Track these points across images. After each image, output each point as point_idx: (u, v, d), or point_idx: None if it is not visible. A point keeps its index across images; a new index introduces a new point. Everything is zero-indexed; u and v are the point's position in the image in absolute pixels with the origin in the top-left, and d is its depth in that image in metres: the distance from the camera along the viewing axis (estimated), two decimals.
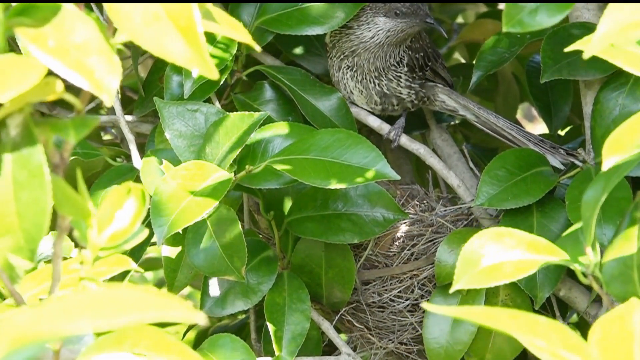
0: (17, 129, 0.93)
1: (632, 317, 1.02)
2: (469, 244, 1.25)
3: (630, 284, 1.18)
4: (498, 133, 1.85)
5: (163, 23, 0.93)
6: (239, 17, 1.78)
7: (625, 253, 1.19)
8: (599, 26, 1.07)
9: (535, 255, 1.22)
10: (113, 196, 0.99)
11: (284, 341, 1.70)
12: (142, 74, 2.03)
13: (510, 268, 1.21)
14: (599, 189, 1.17)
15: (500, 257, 1.23)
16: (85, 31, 0.94)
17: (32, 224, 0.93)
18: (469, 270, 1.22)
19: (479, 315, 0.90)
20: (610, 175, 1.16)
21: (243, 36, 1.04)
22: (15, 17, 0.94)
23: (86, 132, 0.91)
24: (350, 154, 1.57)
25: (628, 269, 1.19)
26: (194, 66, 0.93)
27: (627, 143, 1.06)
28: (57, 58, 0.92)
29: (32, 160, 0.93)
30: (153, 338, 1.00)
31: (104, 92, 0.91)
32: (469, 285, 1.22)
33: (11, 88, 0.89)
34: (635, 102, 1.64)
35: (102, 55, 0.93)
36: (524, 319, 0.91)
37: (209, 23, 0.99)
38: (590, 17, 1.73)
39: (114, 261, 1.26)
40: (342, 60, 1.83)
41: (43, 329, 0.74)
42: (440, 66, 1.90)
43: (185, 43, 0.93)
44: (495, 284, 1.21)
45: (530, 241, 1.24)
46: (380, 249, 1.83)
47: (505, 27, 1.30)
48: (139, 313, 0.75)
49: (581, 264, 1.21)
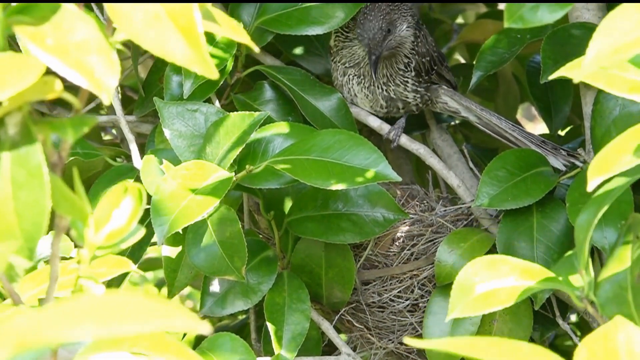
0: (16, 128, 0.93)
1: (617, 336, 1.02)
2: (462, 272, 1.26)
3: (625, 305, 1.19)
4: (500, 134, 1.85)
5: (163, 23, 0.93)
6: (239, 17, 1.78)
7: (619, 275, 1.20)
8: (589, 50, 1.07)
9: (529, 282, 1.23)
10: (110, 195, 0.99)
11: (283, 341, 1.70)
12: (142, 74, 2.03)
13: (504, 294, 1.22)
14: (592, 213, 1.17)
15: (494, 284, 1.24)
16: (84, 30, 0.93)
17: (31, 224, 0.92)
18: (464, 298, 1.23)
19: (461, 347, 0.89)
20: (603, 198, 1.17)
21: (242, 37, 1.04)
22: (15, 15, 0.94)
23: (84, 131, 0.91)
24: (352, 155, 1.57)
25: (622, 290, 1.19)
26: (194, 66, 0.93)
27: (611, 163, 1.06)
28: (56, 56, 0.92)
29: (31, 159, 0.93)
30: (152, 338, 1.00)
31: (103, 90, 0.91)
32: (464, 313, 1.23)
33: (9, 86, 0.89)
34: (634, 103, 1.64)
35: (101, 54, 0.93)
36: (507, 347, 0.90)
37: (209, 23, 0.99)
38: (590, 17, 1.73)
39: (114, 263, 1.26)
40: (347, 68, 1.83)
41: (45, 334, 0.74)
42: (445, 69, 1.90)
43: (185, 43, 0.93)
44: (489, 310, 1.22)
45: (524, 268, 1.25)
46: (380, 249, 1.83)
47: (507, 23, 1.30)
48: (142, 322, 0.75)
49: (575, 287, 1.21)
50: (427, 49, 1.84)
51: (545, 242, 1.68)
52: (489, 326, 1.75)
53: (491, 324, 1.74)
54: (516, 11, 1.30)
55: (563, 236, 1.69)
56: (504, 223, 1.71)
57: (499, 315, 1.74)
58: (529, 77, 1.99)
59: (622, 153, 1.09)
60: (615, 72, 1.19)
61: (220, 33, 1.02)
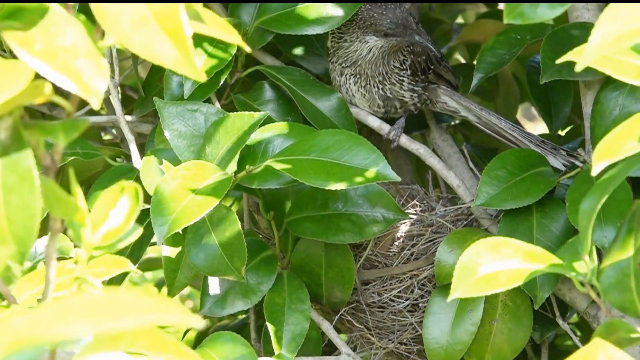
0: (6, 133, 0.92)
1: (597, 356, 1.02)
2: (466, 253, 1.25)
3: (628, 292, 1.18)
4: (499, 134, 1.85)
5: (150, 26, 0.93)
6: (239, 17, 1.78)
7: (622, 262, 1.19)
8: (592, 37, 1.07)
9: (531, 264, 1.22)
10: (107, 195, 0.99)
11: (283, 341, 1.70)
12: (142, 74, 2.03)
13: (506, 277, 1.22)
14: (595, 200, 1.17)
15: (497, 266, 1.23)
16: (72, 34, 0.93)
17: (22, 228, 0.92)
18: (466, 279, 1.23)
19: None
20: (606, 184, 1.17)
21: (232, 37, 1.04)
22: (2, 20, 0.94)
23: (76, 134, 0.91)
24: (352, 155, 1.57)
25: (625, 277, 1.19)
26: (181, 69, 0.93)
27: (616, 148, 1.06)
28: (44, 61, 0.92)
29: (22, 164, 0.92)
30: (150, 337, 1.00)
31: (91, 95, 0.91)
32: (466, 294, 1.22)
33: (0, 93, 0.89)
34: (635, 102, 1.64)
35: (89, 58, 0.93)
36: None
37: (198, 24, 0.99)
38: (590, 17, 1.73)
39: (112, 262, 1.26)
40: (344, 68, 1.83)
41: (41, 332, 0.74)
42: (444, 69, 1.90)
43: (172, 46, 0.93)
44: (492, 292, 1.21)
45: (527, 250, 1.24)
46: (380, 249, 1.83)
47: (507, 19, 1.31)
48: (136, 317, 0.75)
49: (578, 272, 1.21)
50: (422, 48, 1.84)
51: (545, 242, 1.68)
52: (489, 326, 1.75)
53: (491, 324, 1.74)
54: (516, 7, 1.31)
55: (563, 236, 1.69)
56: (503, 223, 1.71)
57: (499, 315, 1.74)
58: (529, 77, 1.98)
59: (626, 139, 1.09)
60: (623, 57, 1.19)
61: (209, 34, 1.02)
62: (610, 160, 1.06)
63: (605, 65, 1.19)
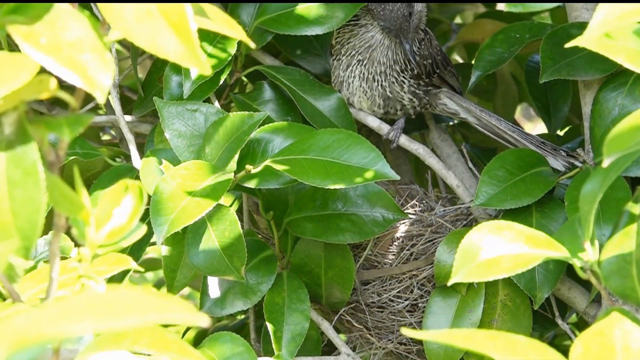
0: (11, 127, 0.92)
1: (613, 331, 1.01)
2: (468, 237, 1.24)
3: (629, 278, 1.18)
4: (499, 135, 1.85)
5: (155, 19, 0.93)
6: (238, 17, 1.78)
7: (624, 249, 1.19)
8: (595, 15, 1.08)
9: (534, 250, 1.21)
10: (111, 194, 0.99)
11: (283, 341, 1.70)
12: (141, 74, 2.03)
13: (508, 262, 1.20)
14: (597, 184, 1.17)
15: (498, 250, 1.22)
16: (77, 28, 0.93)
17: (27, 222, 0.92)
18: (468, 264, 1.22)
19: (458, 339, 0.89)
20: (608, 170, 1.16)
21: (237, 33, 1.04)
22: (8, 15, 0.94)
23: (80, 129, 0.91)
24: (350, 154, 1.57)
25: (627, 264, 1.18)
26: (186, 62, 0.93)
27: (627, 140, 1.06)
28: (49, 55, 0.92)
29: (26, 158, 0.92)
30: (153, 336, 1.00)
31: (96, 89, 0.91)
32: (467, 279, 1.21)
33: (3, 85, 0.89)
34: (634, 102, 1.64)
35: (94, 53, 0.93)
36: (503, 340, 0.90)
37: (202, 19, 0.99)
38: (589, 17, 1.73)
39: (114, 260, 1.26)
40: (353, 57, 1.82)
41: (44, 330, 0.74)
42: (449, 74, 1.90)
43: (177, 39, 0.93)
44: (493, 277, 1.20)
45: (530, 235, 1.23)
46: (380, 249, 1.83)
47: (508, 7, 1.31)
48: (140, 315, 0.75)
49: (580, 259, 1.20)
50: (429, 52, 1.84)
51: None
52: (488, 326, 1.75)
53: (490, 324, 1.74)
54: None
55: None
56: None
57: (498, 315, 1.74)
58: (527, 77, 1.99)
59: (637, 130, 1.08)
60: (634, 45, 1.19)
61: (213, 29, 1.02)
62: (621, 152, 1.06)
63: (617, 53, 1.19)
